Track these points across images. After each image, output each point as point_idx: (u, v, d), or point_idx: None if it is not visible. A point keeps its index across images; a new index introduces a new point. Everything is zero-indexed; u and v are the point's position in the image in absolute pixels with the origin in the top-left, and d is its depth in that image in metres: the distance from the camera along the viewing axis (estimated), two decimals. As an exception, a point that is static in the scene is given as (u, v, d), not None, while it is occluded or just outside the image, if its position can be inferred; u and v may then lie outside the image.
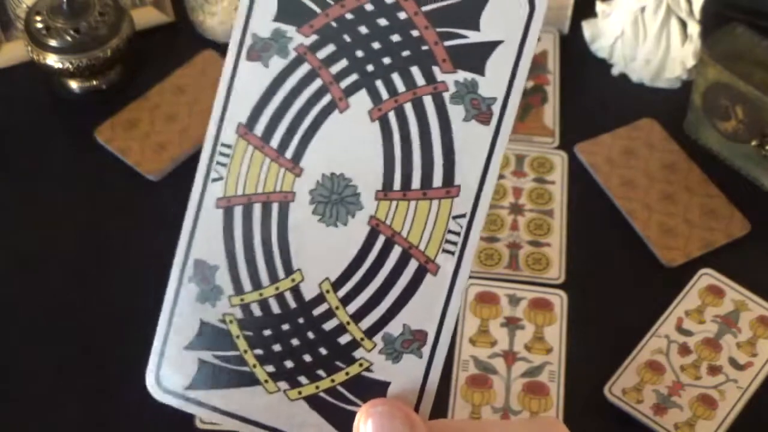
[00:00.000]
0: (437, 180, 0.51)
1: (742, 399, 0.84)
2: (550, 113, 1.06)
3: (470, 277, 0.92)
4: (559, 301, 0.90)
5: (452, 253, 0.50)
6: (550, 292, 0.91)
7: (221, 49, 1.10)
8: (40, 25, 1.02)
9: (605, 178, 0.99)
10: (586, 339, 0.89)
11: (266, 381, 0.52)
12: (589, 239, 0.96)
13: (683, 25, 1.05)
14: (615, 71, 1.10)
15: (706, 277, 0.92)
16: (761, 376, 0.86)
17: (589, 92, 1.09)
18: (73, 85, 1.07)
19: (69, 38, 1.02)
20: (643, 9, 1.04)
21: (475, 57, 0.50)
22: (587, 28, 1.10)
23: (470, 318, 0.89)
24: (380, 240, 0.51)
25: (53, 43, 1.02)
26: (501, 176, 1.00)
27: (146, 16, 1.13)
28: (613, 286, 0.93)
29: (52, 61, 1.02)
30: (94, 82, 1.07)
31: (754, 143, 0.97)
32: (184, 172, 1.01)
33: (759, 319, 0.89)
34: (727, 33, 0.99)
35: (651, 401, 0.84)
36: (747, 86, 0.94)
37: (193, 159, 1.02)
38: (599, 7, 1.09)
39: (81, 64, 1.02)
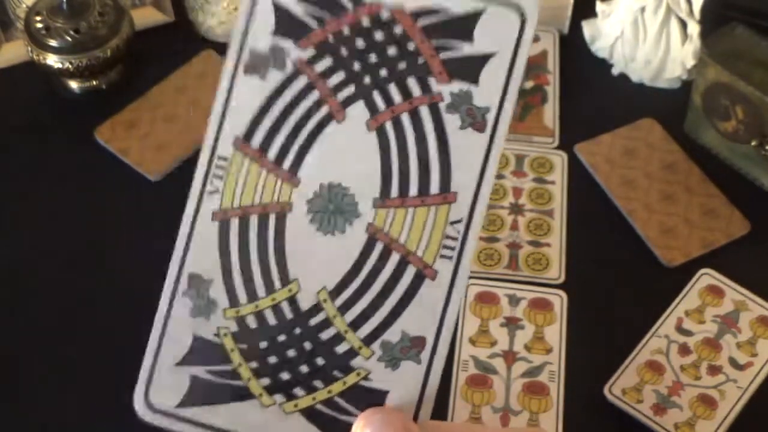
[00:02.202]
0: (434, 187, 0.51)
1: (742, 399, 0.84)
2: (550, 113, 1.06)
3: (470, 277, 0.92)
4: (559, 301, 0.90)
5: (450, 258, 0.51)
6: (550, 292, 0.91)
7: (221, 49, 1.10)
8: (40, 25, 1.02)
9: (605, 178, 0.99)
10: (586, 339, 0.89)
11: (261, 395, 0.51)
12: (589, 239, 0.96)
13: (683, 25, 1.05)
14: (615, 71, 1.10)
15: (706, 277, 0.92)
16: (761, 376, 0.86)
17: (589, 92, 1.09)
18: (73, 85, 1.07)
19: (69, 38, 1.02)
20: (643, 9, 1.04)
21: (470, 68, 0.51)
22: (587, 28, 1.10)
23: (470, 318, 0.89)
24: (378, 247, 0.51)
25: (53, 43, 1.02)
26: (501, 176, 1.00)
27: (146, 16, 1.13)
28: (613, 286, 0.93)
29: (52, 61, 1.02)
30: (94, 82, 1.07)
31: (754, 143, 0.97)
32: (184, 172, 1.01)
33: (759, 319, 0.89)
34: (726, 33, 0.99)
35: (651, 401, 0.84)
36: (747, 86, 0.94)
37: (194, 159, 1.02)
38: (599, 7, 1.09)
39: (81, 64, 1.02)
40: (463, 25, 0.51)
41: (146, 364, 0.53)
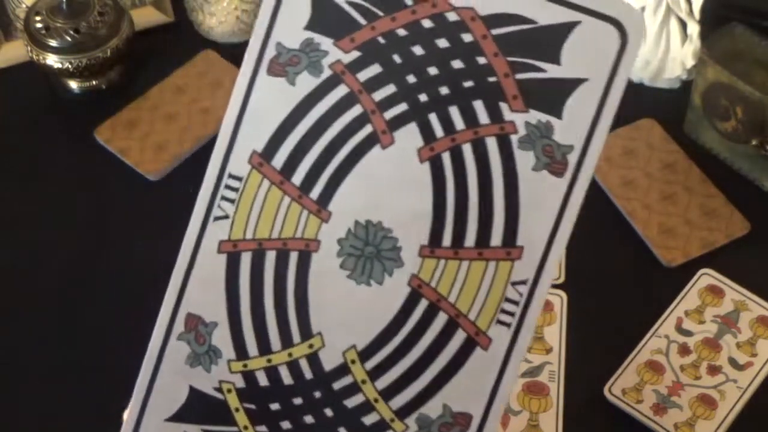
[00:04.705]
0: (496, 238, 0.42)
1: (742, 399, 0.84)
2: (550, 113, 1.05)
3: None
4: (559, 301, 0.90)
5: (508, 325, 0.43)
6: (550, 292, 0.91)
7: (221, 49, 1.09)
8: (39, 25, 1.02)
9: (605, 178, 0.99)
10: (586, 339, 0.89)
11: None
12: (589, 239, 0.95)
13: (683, 25, 1.05)
14: (615, 71, 1.09)
15: (706, 277, 0.92)
16: (761, 376, 0.86)
17: (589, 92, 1.09)
18: (73, 85, 1.07)
19: (69, 38, 1.02)
20: (642, 9, 1.04)
21: (553, 95, 0.42)
22: (587, 28, 1.10)
23: (470, 318, 0.89)
24: (422, 304, 0.43)
25: (53, 43, 1.02)
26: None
27: (146, 16, 1.13)
28: (613, 286, 0.93)
29: (52, 61, 1.02)
30: (94, 82, 1.07)
31: (754, 143, 0.97)
32: (183, 172, 1.01)
33: (759, 319, 0.89)
34: (726, 33, 0.99)
35: (651, 401, 0.84)
36: (747, 86, 0.94)
37: (193, 159, 1.02)
38: (599, 7, 1.08)
39: (81, 64, 1.02)
40: (550, 41, 0.41)
41: (131, 414, 0.45)
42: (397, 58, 0.41)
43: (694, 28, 1.04)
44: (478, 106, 0.42)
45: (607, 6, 0.40)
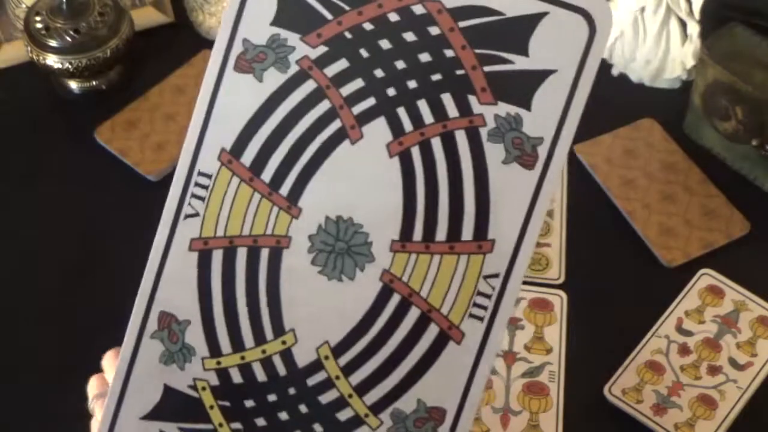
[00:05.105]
0: (467, 232, 0.42)
1: (742, 399, 0.84)
2: (550, 113, 1.05)
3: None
4: (559, 301, 0.90)
5: (481, 318, 0.43)
6: (550, 292, 0.91)
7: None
8: (39, 26, 1.02)
9: (605, 178, 0.99)
10: (586, 339, 0.89)
11: None
12: (589, 239, 0.96)
13: (683, 25, 1.05)
14: (615, 71, 1.09)
15: (706, 277, 0.92)
16: (761, 376, 0.86)
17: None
18: (73, 85, 1.07)
19: (69, 38, 1.02)
20: (642, 9, 1.04)
21: (521, 87, 0.42)
22: (587, 28, 1.10)
23: (470, 318, 0.89)
24: (394, 299, 0.43)
25: (53, 43, 1.02)
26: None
27: (146, 16, 1.13)
28: (613, 286, 0.93)
29: (52, 61, 1.02)
30: (94, 82, 1.07)
31: (754, 143, 0.97)
32: (183, 172, 1.01)
33: (759, 319, 0.89)
34: (726, 33, 0.99)
35: (651, 401, 0.84)
36: (747, 86, 0.94)
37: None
38: (599, 7, 1.08)
39: (81, 65, 1.02)
40: (517, 33, 0.41)
41: (107, 411, 0.45)
42: (364, 53, 0.42)
43: (694, 28, 1.04)
44: (447, 99, 0.42)
45: None
